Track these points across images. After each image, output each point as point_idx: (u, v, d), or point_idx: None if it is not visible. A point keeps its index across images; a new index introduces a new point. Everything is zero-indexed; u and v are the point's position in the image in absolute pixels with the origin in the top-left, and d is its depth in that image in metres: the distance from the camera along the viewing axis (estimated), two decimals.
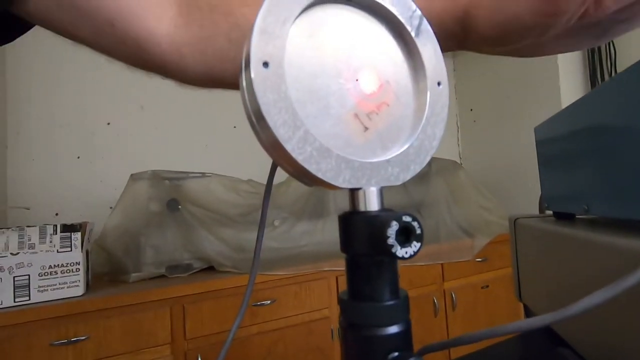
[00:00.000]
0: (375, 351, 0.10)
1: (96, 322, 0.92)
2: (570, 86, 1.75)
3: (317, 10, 0.11)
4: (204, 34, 0.27)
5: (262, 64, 0.10)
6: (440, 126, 0.13)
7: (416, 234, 0.11)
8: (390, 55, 0.13)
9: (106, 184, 1.38)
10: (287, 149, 0.11)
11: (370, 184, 0.12)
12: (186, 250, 1.16)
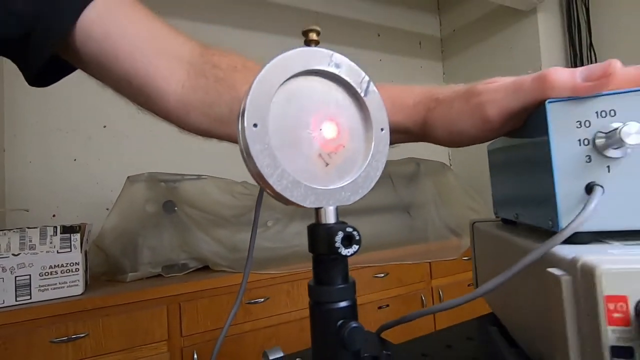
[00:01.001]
0: (330, 319, 0.15)
1: (95, 320, 0.96)
2: None
3: (292, 82, 0.16)
4: (208, 100, 0.32)
5: (253, 125, 0.15)
6: (382, 160, 0.18)
7: (355, 239, 0.15)
8: (347, 109, 0.17)
9: (102, 185, 1.40)
10: (269, 182, 0.15)
11: (329, 204, 0.17)
12: (182, 250, 1.20)
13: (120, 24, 0.32)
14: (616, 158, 0.18)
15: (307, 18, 1.89)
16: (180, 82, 0.33)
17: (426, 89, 0.28)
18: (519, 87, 0.22)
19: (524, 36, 1.87)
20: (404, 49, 2.22)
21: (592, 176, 0.18)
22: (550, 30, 1.85)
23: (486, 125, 0.23)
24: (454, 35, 2.29)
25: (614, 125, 0.18)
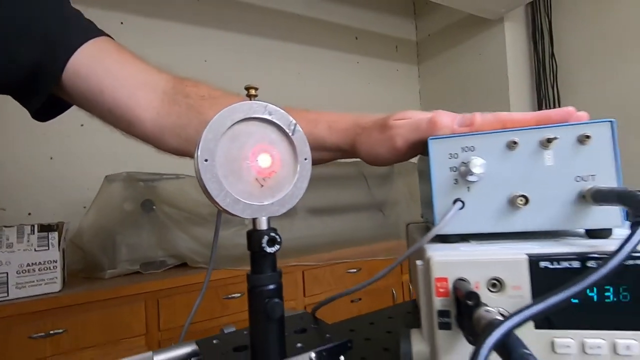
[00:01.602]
0: (261, 298, 0.22)
1: (73, 316, 0.99)
2: (518, 96, 1.94)
3: (236, 126, 0.22)
4: (180, 124, 0.38)
5: (204, 160, 0.21)
6: (305, 182, 0.24)
7: (277, 241, 0.22)
8: (279, 145, 0.24)
9: (80, 184, 1.41)
10: (216, 200, 0.22)
11: (262, 215, 0.23)
12: (160, 248, 1.24)
13: (104, 64, 0.37)
14: (473, 181, 0.25)
15: (287, 21, 1.94)
16: (156, 109, 0.38)
17: (356, 117, 0.35)
18: (418, 126, 0.29)
19: (492, 44, 1.98)
20: (381, 52, 2.30)
21: (458, 194, 0.25)
22: (516, 39, 1.97)
23: (395, 152, 0.30)
24: (429, 40, 2.39)
25: (471, 158, 0.25)
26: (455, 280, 0.20)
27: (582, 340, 0.19)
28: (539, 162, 0.24)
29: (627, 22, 1.56)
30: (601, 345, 0.18)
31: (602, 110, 1.67)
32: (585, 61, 1.75)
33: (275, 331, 0.23)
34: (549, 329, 0.19)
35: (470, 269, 0.20)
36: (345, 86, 2.13)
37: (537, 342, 0.19)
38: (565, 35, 1.84)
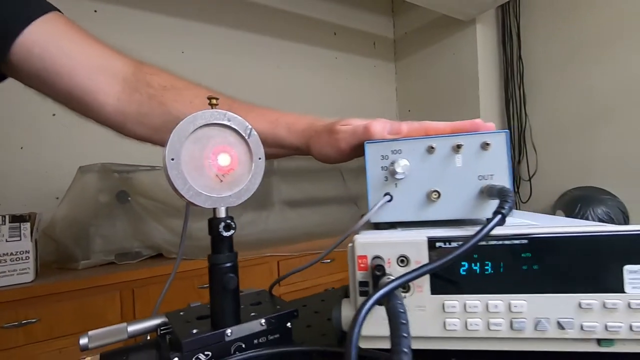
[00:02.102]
0: (220, 274, 0.26)
1: (46, 306, 1.00)
2: (487, 95, 2.03)
3: (199, 130, 0.27)
4: (142, 111, 0.39)
5: (171, 159, 0.25)
6: (259, 178, 0.29)
7: (232, 227, 0.27)
8: (237, 146, 0.28)
9: (52, 174, 1.40)
10: (181, 192, 0.26)
11: (221, 205, 0.28)
12: (135, 239, 1.25)
13: (60, 44, 0.36)
14: (400, 179, 0.30)
15: (267, 14, 1.95)
16: (116, 95, 0.38)
17: (311, 120, 0.39)
18: (356, 132, 0.34)
19: (465, 44, 2.06)
20: (359, 48, 2.34)
21: (388, 189, 0.31)
22: (487, 40, 2.06)
23: (340, 153, 0.35)
24: (406, 38, 2.45)
25: (398, 159, 0.30)
26: (372, 257, 0.25)
27: (464, 302, 0.24)
28: (450, 164, 0.30)
29: (587, 30, 1.68)
30: (477, 305, 0.24)
31: (563, 110, 1.79)
32: (549, 64, 1.86)
33: (231, 301, 0.27)
34: (441, 294, 0.25)
35: (383, 248, 0.25)
36: (323, 81, 2.17)
37: (432, 303, 0.25)
38: (532, 39, 1.94)
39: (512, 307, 0.24)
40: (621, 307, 0.23)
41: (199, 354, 0.25)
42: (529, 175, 1.96)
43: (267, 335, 0.28)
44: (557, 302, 0.23)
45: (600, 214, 1.55)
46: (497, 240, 0.24)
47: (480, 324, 0.24)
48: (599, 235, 0.23)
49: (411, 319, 0.24)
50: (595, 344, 0.24)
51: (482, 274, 0.25)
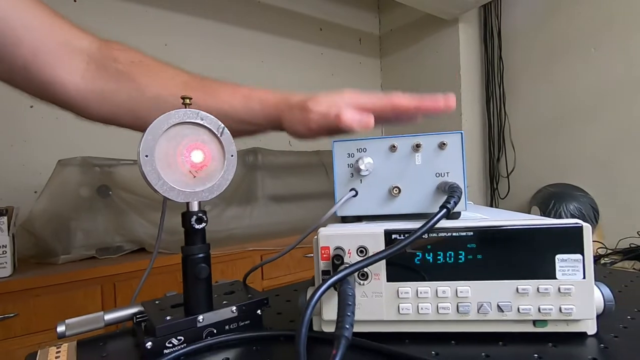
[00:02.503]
0: (193, 264, 0.28)
1: (25, 300, 0.99)
2: (468, 93, 2.08)
3: (174, 128, 0.28)
4: (108, 89, 0.36)
5: (145, 155, 0.27)
6: (231, 174, 0.31)
7: (204, 220, 0.28)
8: (209, 144, 0.30)
9: (29, 168, 1.37)
10: (155, 187, 0.27)
11: (194, 200, 0.29)
12: (117, 233, 1.24)
13: (19, 15, 0.33)
14: (364, 175, 0.32)
15: (252, 8, 1.94)
16: (80, 72, 0.36)
17: (284, 95, 0.39)
18: (328, 116, 0.34)
19: (447, 43, 2.10)
20: (345, 44, 2.36)
21: (353, 184, 0.33)
22: (469, 39, 2.10)
23: (310, 131, 0.36)
24: (391, 35, 2.47)
25: (363, 157, 0.32)
26: (335, 248, 0.27)
27: (416, 288, 0.27)
28: (411, 162, 0.32)
29: (565, 32, 1.73)
30: (428, 291, 0.27)
31: (541, 109, 1.86)
32: (528, 64, 1.92)
33: (203, 289, 0.29)
34: (395, 282, 0.27)
35: (344, 240, 0.27)
36: (308, 76, 2.17)
37: (388, 290, 0.27)
38: (512, 39, 1.99)
39: (459, 292, 0.26)
40: (552, 292, 0.26)
41: (172, 338, 0.27)
42: (507, 172, 2.02)
43: (238, 321, 0.30)
44: (498, 287, 0.26)
45: (572, 209, 1.62)
46: (447, 233, 0.27)
47: (430, 308, 0.27)
48: (535, 227, 0.26)
49: (369, 304, 0.26)
50: (531, 324, 0.27)
51: (434, 263, 0.27)
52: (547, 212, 1.66)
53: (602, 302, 0.26)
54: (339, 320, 0.18)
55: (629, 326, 0.28)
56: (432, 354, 0.25)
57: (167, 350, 0.27)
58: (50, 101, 0.38)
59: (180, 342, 0.28)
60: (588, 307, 0.25)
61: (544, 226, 0.26)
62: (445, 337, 0.27)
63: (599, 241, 1.56)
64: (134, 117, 0.37)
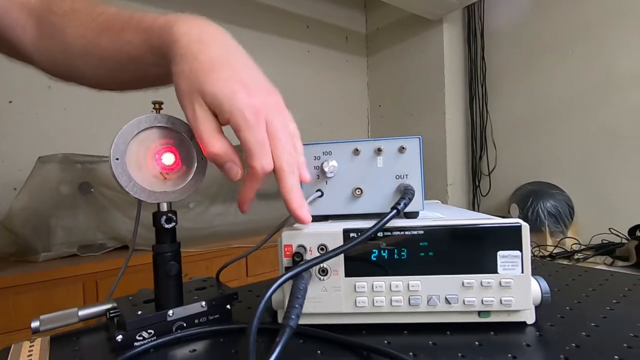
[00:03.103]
0: (163, 262, 0.30)
1: (5, 298, 0.98)
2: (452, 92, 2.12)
3: (144, 133, 0.29)
4: (47, 46, 0.35)
5: (115, 158, 0.28)
6: (202, 176, 0.32)
7: (173, 219, 0.30)
8: (180, 147, 0.31)
9: (9, 164, 1.35)
10: (126, 189, 0.29)
11: (164, 201, 0.31)
12: (99, 230, 1.24)
13: None
14: (330, 177, 0.34)
15: (238, 5, 1.93)
16: (31, 30, 0.34)
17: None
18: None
19: (432, 42, 2.13)
20: (332, 42, 2.37)
21: (320, 186, 0.35)
22: (453, 40, 2.14)
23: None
24: (378, 34, 2.50)
25: (328, 160, 0.34)
26: (297, 245, 0.29)
27: (372, 283, 0.29)
28: (373, 165, 0.34)
29: (545, 34, 1.78)
30: (382, 286, 0.29)
31: (521, 109, 1.91)
32: (509, 65, 1.97)
33: (173, 285, 0.31)
34: (353, 277, 0.29)
35: (306, 238, 0.29)
36: (295, 74, 2.18)
37: (346, 284, 0.29)
38: (495, 40, 2.04)
39: (410, 286, 0.28)
40: (494, 285, 0.28)
41: (142, 332, 0.29)
42: (488, 171, 2.08)
43: (207, 315, 0.32)
44: (446, 281, 0.28)
45: (549, 207, 1.68)
46: (401, 232, 0.29)
47: (385, 301, 0.29)
48: (479, 226, 0.28)
49: (329, 298, 0.28)
50: (476, 315, 0.29)
51: (389, 260, 0.29)
52: (526, 210, 1.72)
53: (539, 294, 0.29)
54: (287, 311, 0.20)
55: (566, 316, 0.31)
56: (384, 343, 0.27)
57: (137, 343, 0.28)
58: (20, 60, 0.37)
59: (151, 336, 0.29)
60: (526, 298, 0.28)
61: (487, 225, 0.28)
62: (398, 327, 0.30)
63: (573, 237, 1.63)
64: (78, 75, 0.36)
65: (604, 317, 0.31)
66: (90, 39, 0.32)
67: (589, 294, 0.37)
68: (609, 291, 0.37)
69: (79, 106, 1.48)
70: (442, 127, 2.09)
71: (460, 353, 0.26)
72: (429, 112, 2.16)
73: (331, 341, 0.28)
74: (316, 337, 0.29)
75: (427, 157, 2.12)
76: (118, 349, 0.28)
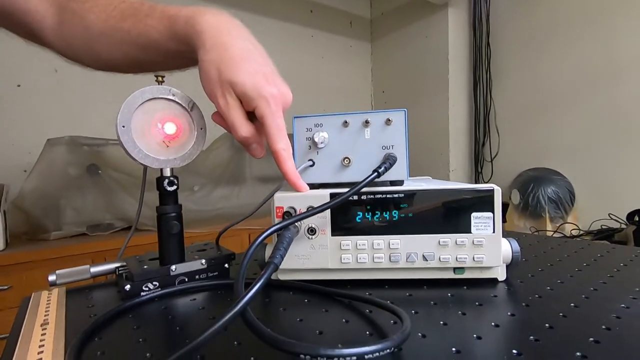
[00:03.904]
0: (166, 222, 0.33)
1: (18, 274, 1.03)
2: (456, 78, 2.11)
3: (147, 103, 0.32)
4: (67, 32, 0.37)
5: (122, 126, 0.31)
6: (201, 145, 0.35)
7: (175, 183, 0.33)
8: (181, 117, 0.34)
9: (19, 147, 1.39)
10: (132, 155, 0.31)
11: (167, 166, 0.33)
12: (107, 211, 1.28)
13: None
14: (321, 148, 0.37)
15: None
16: (51, 17, 0.36)
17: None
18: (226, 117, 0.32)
19: (437, 27, 2.11)
20: (336, 27, 2.35)
21: (311, 156, 0.37)
22: (458, 24, 2.12)
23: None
24: (382, 19, 2.47)
25: (319, 131, 0.36)
26: (287, 207, 0.32)
27: (356, 241, 0.32)
28: (361, 136, 0.36)
29: (550, 20, 1.76)
30: (365, 244, 0.32)
31: (524, 95, 1.90)
32: (514, 51, 1.95)
33: (175, 243, 0.34)
34: (339, 236, 0.32)
35: (295, 200, 0.32)
36: (298, 59, 2.18)
37: (332, 242, 0.32)
38: (500, 25, 2.01)
39: (391, 244, 0.31)
40: (468, 244, 0.31)
41: (147, 283, 0.32)
42: (491, 157, 2.08)
43: (207, 272, 0.35)
44: (423, 240, 0.31)
45: (550, 193, 1.69)
46: (383, 195, 0.32)
47: (367, 258, 0.32)
48: (454, 190, 0.31)
49: (316, 255, 0.31)
50: (452, 272, 0.32)
51: (372, 220, 0.32)
52: (526, 195, 1.73)
53: (509, 253, 0.31)
54: (272, 253, 0.22)
55: (536, 275, 0.34)
56: (366, 294, 0.30)
57: (143, 293, 0.32)
58: (41, 45, 0.39)
59: (155, 287, 0.32)
60: (496, 256, 0.30)
61: (463, 188, 0.31)
62: (380, 283, 0.32)
63: (573, 223, 1.64)
64: (94, 58, 0.37)
65: (571, 276, 0.33)
66: (112, 24, 0.34)
67: (562, 258, 0.39)
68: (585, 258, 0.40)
69: (86, 90, 1.51)
70: (446, 113, 2.09)
71: (433, 301, 0.28)
72: (433, 98, 2.16)
73: (318, 292, 0.31)
74: (304, 290, 0.31)
75: (429, 143, 2.13)
76: (126, 298, 0.31)
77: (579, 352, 0.20)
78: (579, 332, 0.22)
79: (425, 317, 0.26)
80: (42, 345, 0.22)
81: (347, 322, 0.25)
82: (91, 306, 0.31)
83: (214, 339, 0.16)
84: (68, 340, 0.24)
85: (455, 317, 0.25)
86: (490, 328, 0.23)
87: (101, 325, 0.26)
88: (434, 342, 0.22)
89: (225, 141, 1.62)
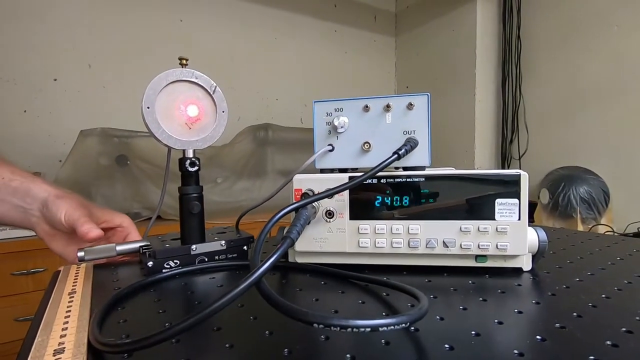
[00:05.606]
0: (188, 202, 0.33)
1: (53, 257, 1.08)
2: (483, 73, 2.04)
3: (170, 86, 0.33)
4: None
5: (147, 107, 0.31)
6: (222, 127, 0.35)
7: (196, 164, 0.33)
8: (203, 100, 0.34)
9: (55, 138, 1.46)
10: (156, 135, 0.32)
11: (189, 148, 0.34)
12: (135, 200, 1.33)
13: None
14: (340, 132, 0.36)
15: None
16: None
17: None
18: None
19: (464, 20, 2.05)
20: (359, 21, 2.33)
21: (331, 140, 0.37)
22: (487, 17, 2.05)
23: None
24: (407, 12, 2.42)
25: (339, 116, 0.36)
26: (306, 189, 0.32)
27: (374, 226, 0.31)
28: (382, 121, 0.36)
29: (586, 9, 1.67)
30: (384, 228, 0.31)
31: (556, 91, 1.82)
32: (546, 45, 1.86)
33: (196, 223, 0.34)
34: (357, 220, 0.32)
35: (313, 182, 0.32)
36: (322, 54, 2.17)
37: (351, 226, 0.32)
38: (532, 18, 1.93)
39: (410, 229, 0.30)
40: (491, 231, 0.29)
41: (169, 261, 0.33)
42: (519, 155, 2.00)
43: (226, 253, 0.36)
44: (444, 226, 0.30)
45: (582, 192, 1.61)
46: (403, 179, 0.31)
47: (386, 243, 0.31)
48: (477, 174, 0.30)
49: (334, 238, 0.31)
50: (473, 260, 0.31)
51: (392, 205, 0.31)
52: (557, 195, 1.65)
53: (536, 242, 0.30)
54: (289, 228, 0.22)
55: (564, 267, 0.32)
56: (384, 278, 0.30)
57: (165, 270, 0.32)
58: None
59: (177, 265, 0.33)
60: (522, 244, 0.29)
61: (487, 173, 0.30)
62: (398, 268, 0.32)
63: (607, 225, 1.56)
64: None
65: (603, 268, 0.31)
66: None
67: (594, 252, 0.37)
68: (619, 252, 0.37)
69: (117, 84, 1.57)
70: (472, 109, 2.03)
71: (453, 287, 0.28)
72: (458, 93, 2.10)
73: (334, 275, 0.31)
74: (321, 272, 0.31)
75: (454, 140, 2.08)
76: (148, 274, 0.32)
77: (609, 341, 0.19)
78: (609, 321, 0.21)
79: (445, 302, 0.25)
80: (69, 310, 0.23)
81: (362, 303, 0.25)
82: (116, 280, 0.33)
83: (229, 312, 0.16)
84: (93, 308, 0.25)
85: (476, 302, 0.25)
86: (513, 314, 0.22)
87: (124, 297, 0.27)
88: (453, 325, 0.21)
89: (248, 134, 1.65)
